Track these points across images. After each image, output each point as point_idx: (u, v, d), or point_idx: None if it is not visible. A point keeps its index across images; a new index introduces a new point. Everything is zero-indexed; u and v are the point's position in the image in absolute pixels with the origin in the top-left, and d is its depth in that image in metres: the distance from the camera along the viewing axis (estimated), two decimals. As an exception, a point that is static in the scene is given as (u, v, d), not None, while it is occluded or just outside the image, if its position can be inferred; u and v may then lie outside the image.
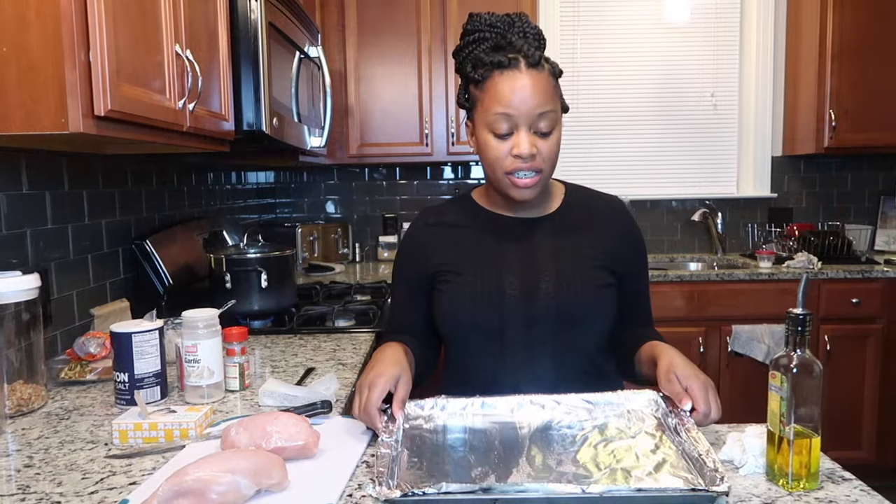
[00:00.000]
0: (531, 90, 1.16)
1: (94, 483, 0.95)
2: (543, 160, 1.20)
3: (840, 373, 2.98)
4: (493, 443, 1.01)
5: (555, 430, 1.04)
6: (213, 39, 1.64)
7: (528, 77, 1.17)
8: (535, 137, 1.19)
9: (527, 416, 1.08)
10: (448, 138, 3.20)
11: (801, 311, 0.90)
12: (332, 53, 3.16)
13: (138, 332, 1.27)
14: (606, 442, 0.99)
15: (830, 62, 3.16)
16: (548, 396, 1.11)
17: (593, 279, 1.25)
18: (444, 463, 0.95)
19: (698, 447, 0.92)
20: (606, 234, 1.31)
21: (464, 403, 1.11)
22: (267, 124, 1.81)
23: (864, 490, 0.90)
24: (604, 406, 1.09)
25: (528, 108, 1.16)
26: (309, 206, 3.70)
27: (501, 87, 1.17)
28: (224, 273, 1.94)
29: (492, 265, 1.27)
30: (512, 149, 1.18)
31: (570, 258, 1.26)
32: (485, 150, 1.22)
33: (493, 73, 1.18)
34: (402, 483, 0.88)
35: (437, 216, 1.36)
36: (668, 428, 1.02)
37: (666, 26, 3.52)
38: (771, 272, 2.97)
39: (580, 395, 1.11)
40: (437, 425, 1.07)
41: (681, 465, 0.91)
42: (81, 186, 1.75)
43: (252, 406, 1.28)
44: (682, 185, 3.67)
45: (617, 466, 0.91)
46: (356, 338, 1.83)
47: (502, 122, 1.17)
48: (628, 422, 1.06)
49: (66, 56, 1.08)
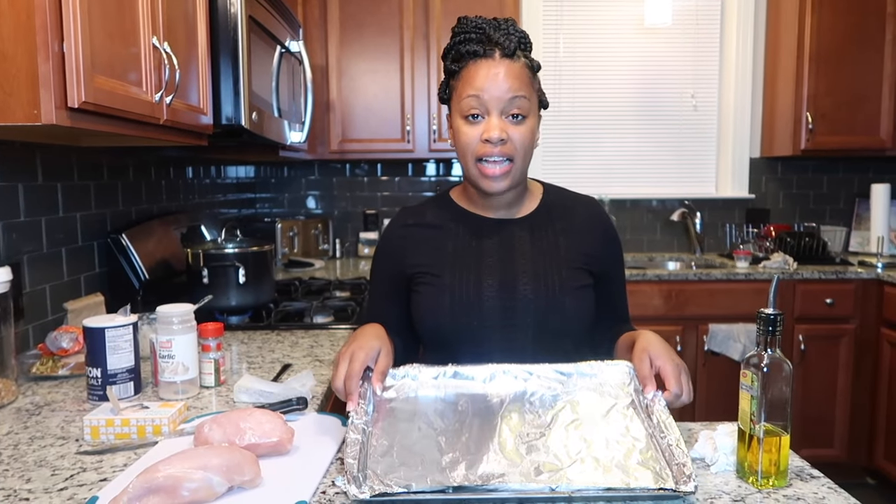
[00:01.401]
0: (504, 75, 1.18)
1: (63, 479, 0.94)
2: (515, 148, 1.19)
3: (813, 372, 3.03)
4: (465, 421, 1.00)
5: (527, 403, 1.04)
6: (192, 32, 1.62)
7: (502, 65, 1.18)
8: (506, 123, 1.18)
9: (499, 388, 1.08)
10: (430, 135, 3.20)
11: (773, 312, 0.91)
12: (314, 48, 3.14)
13: (112, 326, 1.25)
14: (578, 423, 1.00)
15: (808, 65, 3.21)
16: (520, 366, 1.11)
17: (571, 280, 1.26)
18: (414, 447, 0.94)
19: (668, 436, 0.93)
20: (584, 235, 1.31)
21: (436, 372, 1.11)
22: (246, 118, 1.79)
23: (832, 487, 0.91)
24: (577, 378, 1.09)
25: (499, 92, 1.17)
26: (289, 201, 3.68)
27: (474, 72, 1.19)
28: (201, 268, 1.92)
29: (470, 267, 1.26)
30: (482, 133, 1.18)
31: (548, 259, 1.27)
32: (457, 136, 1.22)
33: (469, 63, 1.20)
34: (372, 476, 0.87)
35: (415, 216, 1.35)
36: (640, 407, 1.02)
37: (647, 27, 3.54)
38: (747, 272, 3.01)
39: (553, 366, 1.11)
40: (409, 396, 1.07)
41: (650, 455, 0.91)
42: (56, 179, 1.72)
43: (227, 402, 1.27)
44: (662, 185, 3.70)
45: (587, 455, 0.92)
46: (334, 334, 1.82)
47: (473, 104, 1.18)
48: (601, 396, 1.06)
49: (39, 46, 1.06)
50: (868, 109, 3.25)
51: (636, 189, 3.69)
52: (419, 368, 1.12)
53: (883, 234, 3.33)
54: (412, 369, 1.12)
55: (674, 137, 3.68)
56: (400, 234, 1.34)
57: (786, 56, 3.37)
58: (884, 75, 3.23)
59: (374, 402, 1.06)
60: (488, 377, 1.10)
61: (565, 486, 0.84)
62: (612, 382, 1.10)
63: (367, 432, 0.97)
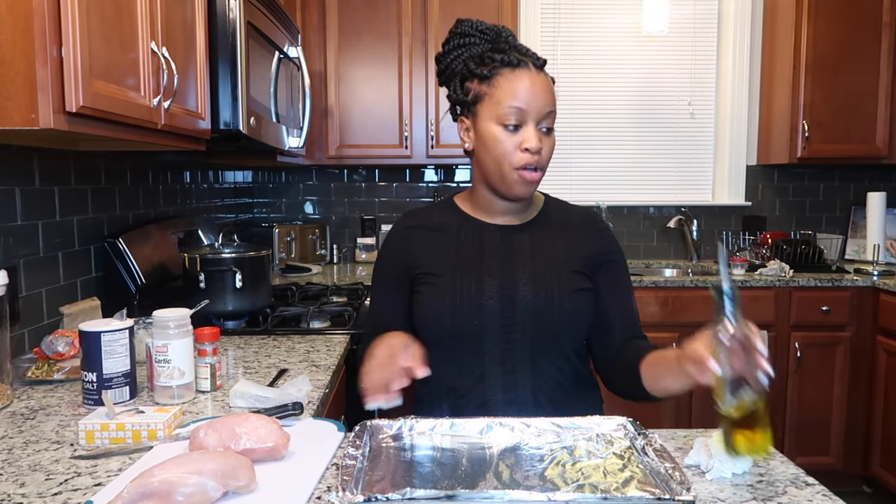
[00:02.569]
0: (542, 89, 1.22)
1: (57, 484, 0.94)
2: (544, 159, 1.24)
3: (809, 379, 3.03)
4: (461, 460, 1.00)
5: (523, 450, 1.04)
6: (191, 37, 1.62)
7: (538, 76, 1.22)
8: (540, 133, 1.23)
9: (495, 438, 1.07)
10: (427, 141, 3.21)
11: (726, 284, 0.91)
12: (313, 54, 3.15)
13: (107, 331, 1.25)
14: (574, 461, 0.99)
15: (804, 73, 3.22)
16: (517, 419, 1.10)
17: (570, 283, 1.27)
18: (411, 477, 0.94)
19: (665, 464, 0.92)
20: (583, 242, 1.32)
21: (432, 424, 1.10)
22: (244, 124, 1.80)
23: (826, 495, 0.91)
24: (573, 430, 1.08)
25: (539, 105, 1.21)
26: (287, 206, 3.68)
27: (516, 83, 1.21)
28: (198, 273, 1.92)
29: (471, 269, 1.28)
30: (521, 143, 1.21)
31: (548, 263, 1.28)
32: (492, 144, 1.23)
33: (503, 70, 1.22)
34: (366, 491, 0.87)
35: (419, 218, 1.37)
36: (637, 450, 1.02)
37: (644, 36, 3.55)
38: (744, 279, 3.02)
39: (550, 419, 1.10)
40: (405, 443, 1.07)
41: (648, 482, 0.91)
42: (53, 183, 1.72)
43: (223, 407, 1.27)
44: (659, 193, 3.71)
45: (584, 482, 0.92)
46: (331, 339, 1.82)
47: (514, 115, 1.21)
48: (597, 444, 1.05)
49: (37, 51, 1.07)
50: (864, 117, 3.27)
51: (633, 196, 3.70)
52: (416, 420, 1.11)
53: (879, 241, 3.34)
54: (409, 420, 1.10)
55: (670, 145, 3.69)
56: (404, 234, 1.36)
57: (782, 64, 3.39)
58: (879, 84, 3.25)
59: (372, 444, 1.05)
60: (485, 428, 1.09)
61: (562, 494, 0.84)
62: (608, 433, 1.08)
63: (364, 462, 0.96)
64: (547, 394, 1.26)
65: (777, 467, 1.00)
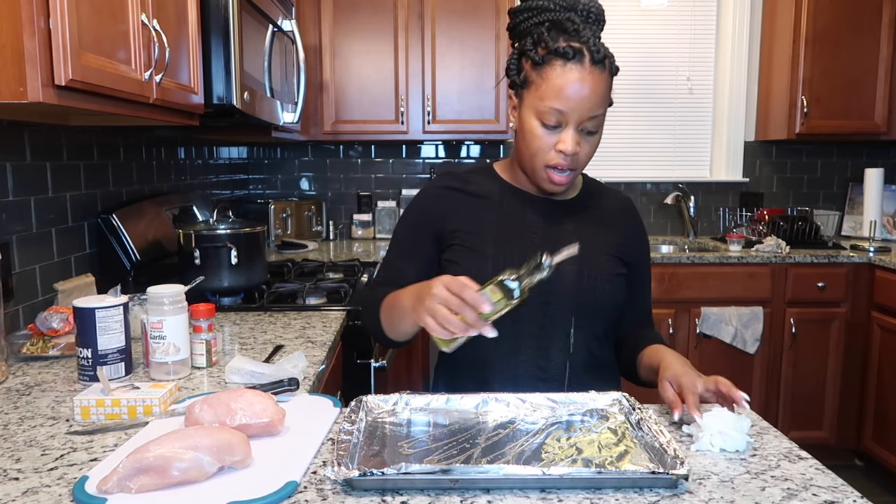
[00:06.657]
0: (589, 91, 1.15)
1: (53, 459, 0.94)
2: (580, 161, 1.21)
3: (804, 355, 3.05)
4: (456, 435, 1.01)
5: (519, 425, 1.04)
6: (182, 10, 1.59)
7: (590, 75, 1.15)
8: (579, 136, 1.18)
9: (491, 413, 1.08)
10: (424, 116, 3.18)
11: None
12: (307, 27, 3.11)
13: (102, 307, 1.24)
14: (569, 436, 1.00)
15: (804, 49, 3.19)
16: (512, 395, 1.10)
17: (610, 267, 1.28)
18: (407, 452, 0.95)
19: (660, 439, 0.93)
20: (620, 228, 1.33)
21: (428, 399, 1.10)
22: (238, 98, 1.77)
23: (819, 469, 0.92)
24: (568, 405, 1.09)
25: (582, 108, 1.16)
26: (282, 182, 3.66)
27: (562, 81, 1.15)
28: (193, 249, 1.91)
29: (515, 240, 1.26)
30: (557, 143, 1.18)
31: (590, 244, 1.27)
32: (529, 137, 1.20)
33: (555, 61, 1.15)
34: (361, 465, 0.88)
35: (461, 182, 1.33)
36: (632, 424, 1.03)
37: (644, 9, 3.51)
38: (740, 256, 3.02)
39: (545, 395, 1.11)
40: (400, 419, 1.07)
41: (643, 457, 0.92)
42: (45, 158, 1.70)
43: (219, 383, 1.27)
44: (657, 168, 3.70)
45: (578, 457, 0.92)
46: (326, 315, 1.82)
47: (554, 116, 1.16)
48: (591, 418, 1.06)
49: (24, 22, 1.04)
50: (863, 93, 3.25)
51: (630, 172, 3.68)
52: (411, 395, 1.11)
53: (875, 218, 3.34)
54: (404, 396, 1.10)
55: (669, 120, 3.67)
56: (441, 194, 1.33)
57: (782, 39, 3.35)
58: (879, 59, 3.22)
59: (367, 420, 1.05)
60: (480, 403, 1.09)
61: (557, 468, 0.84)
62: (603, 408, 1.09)
63: (359, 438, 0.97)
64: (577, 374, 1.26)
65: (770, 441, 1.01)
